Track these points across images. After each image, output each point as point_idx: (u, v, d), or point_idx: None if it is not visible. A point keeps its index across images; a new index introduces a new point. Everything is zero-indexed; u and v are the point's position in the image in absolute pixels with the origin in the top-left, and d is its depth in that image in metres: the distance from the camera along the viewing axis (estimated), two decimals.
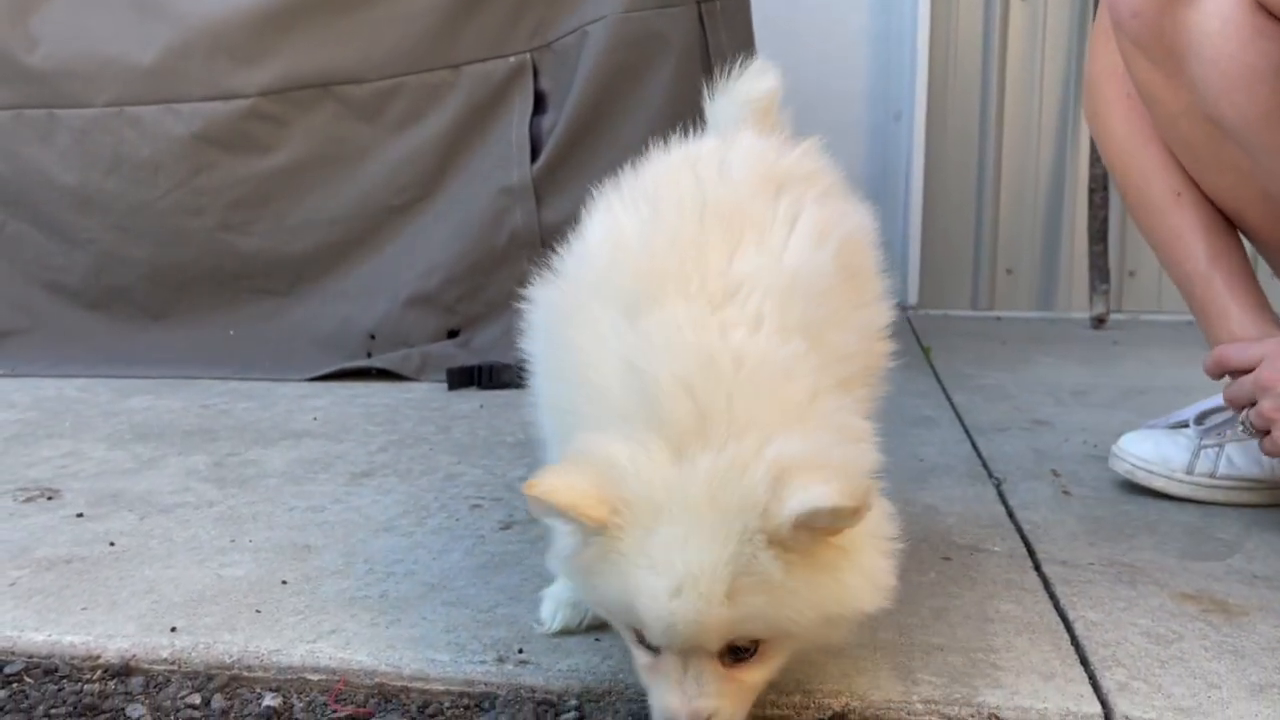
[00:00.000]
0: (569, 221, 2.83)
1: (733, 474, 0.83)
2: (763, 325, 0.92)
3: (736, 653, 0.87)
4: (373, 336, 2.58)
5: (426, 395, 2.31)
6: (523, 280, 2.80)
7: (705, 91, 1.28)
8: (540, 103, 2.54)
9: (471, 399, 2.26)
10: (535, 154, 2.51)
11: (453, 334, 2.57)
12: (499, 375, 2.37)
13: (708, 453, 0.84)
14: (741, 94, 1.22)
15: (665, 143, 1.13)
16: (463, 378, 2.38)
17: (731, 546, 0.82)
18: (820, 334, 0.94)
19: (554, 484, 0.84)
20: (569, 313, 1.01)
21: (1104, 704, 0.96)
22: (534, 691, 1.01)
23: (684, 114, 1.32)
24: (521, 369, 1.11)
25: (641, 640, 0.89)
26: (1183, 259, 1.51)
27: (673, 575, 0.82)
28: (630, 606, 0.85)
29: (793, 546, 0.82)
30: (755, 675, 0.89)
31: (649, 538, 0.83)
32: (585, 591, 0.92)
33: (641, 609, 0.84)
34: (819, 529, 0.82)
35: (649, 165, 1.11)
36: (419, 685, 1.03)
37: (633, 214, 1.05)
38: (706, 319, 0.92)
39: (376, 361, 2.50)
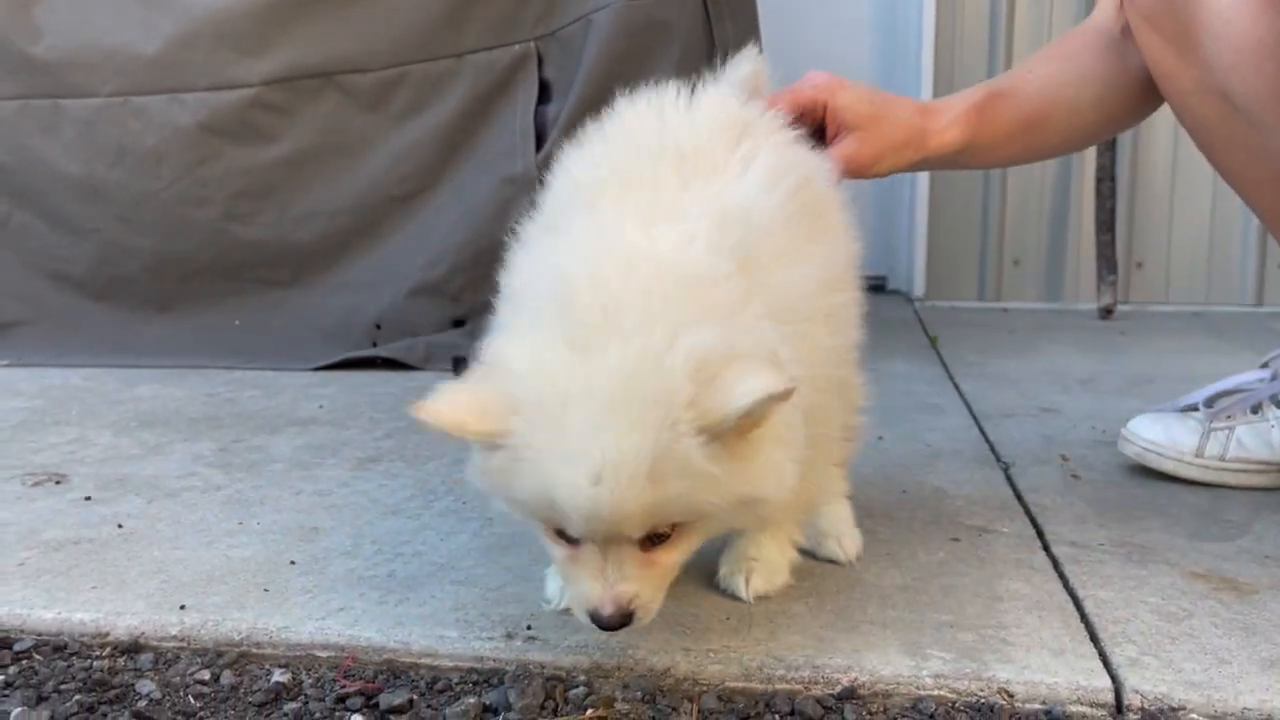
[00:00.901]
0: None
1: (646, 363, 0.84)
2: (695, 242, 0.93)
3: (654, 538, 0.89)
4: (378, 326, 2.58)
5: (432, 383, 2.28)
6: None
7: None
8: (545, 91, 2.54)
9: None
10: (540, 143, 2.51)
11: (458, 323, 2.57)
12: None
13: (615, 344, 0.85)
14: (728, 78, 1.24)
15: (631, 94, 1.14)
16: (468, 367, 2.37)
17: (651, 434, 0.83)
18: (759, 266, 0.95)
19: (440, 406, 0.86)
20: (519, 250, 1.04)
21: (1114, 678, 0.96)
22: (543, 667, 1.00)
23: None
24: None
25: (561, 535, 0.91)
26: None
27: (590, 464, 0.83)
28: (550, 502, 0.86)
29: (719, 436, 0.84)
30: (672, 557, 0.92)
31: (560, 431, 0.84)
32: (502, 498, 0.92)
33: (562, 502, 0.85)
34: (754, 419, 0.84)
35: (615, 113, 1.13)
36: (427, 661, 1.03)
37: (589, 150, 1.08)
38: (634, 228, 0.94)
39: (382, 351, 2.50)
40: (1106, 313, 3.30)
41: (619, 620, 0.90)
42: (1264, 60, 1.28)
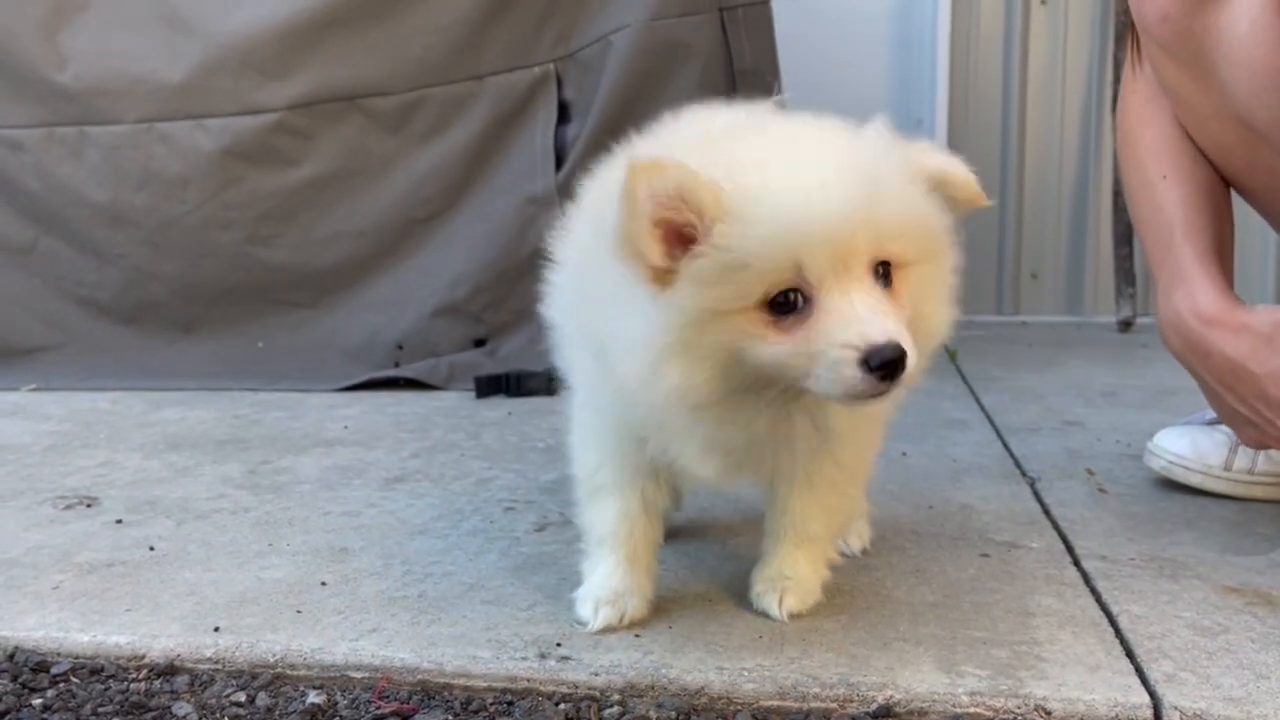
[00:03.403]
0: None
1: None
2: None
3: (884, 275, 0.87)
4: (400, 347, 2.60)
5: (455, 404, 2.32)
6: None
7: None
8: (564, 112, 2.56)
9: (500, 406, 2.27)
10: (560, 163, 2.53)
11: (480, 343, 2.59)
12: (526, 383, 2.38)
13: None
14: None
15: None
16: (491, 386, 2.39)
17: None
18: None
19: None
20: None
21: (1152, 695, 0.95)
22: (576, 687, 1.01)
23: None
24: (550, 376, 1.15)
25: (779, 305, 0.85)
26: (1159, 229, 1.44)
27: (808, 175, 0.84)
28: (787, 234, 0.83)
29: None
30: (901, 308, 0.88)
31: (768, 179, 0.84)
32: (723, 281, 0.85)
33: (796, 222, 0.82)
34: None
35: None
36: (461, 682, 1.03)
37: None
38: None
39: (405, 371, 2.51)
40: (1126, 325, 3.29)
41: (896, 348, 0.83)
42: None
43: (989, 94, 3.63)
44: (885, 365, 0.83)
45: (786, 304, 0.85)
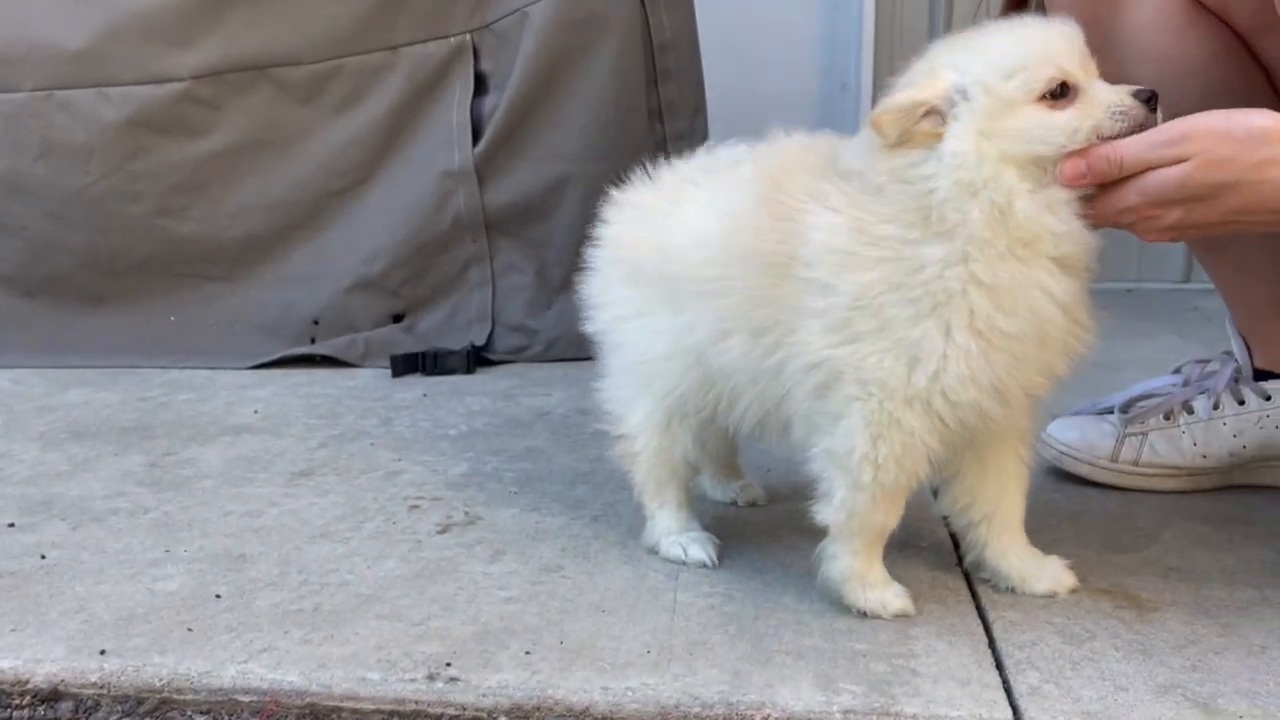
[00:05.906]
0: (512, 203, 2.78)
1: None
2: None
3: None
4: (316, 322, 2.56)
5: (370, 383, 2.30)
6: (467, 263, 2.76)
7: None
8: (481, 84, 2.51)
9: (415, 387, 2.26)
10: (477, 136, 2.49)
11: (397, 318, 2.56)
12: (444, 362, 2.37)
13: None
14: None
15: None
16: (407, 365, 2.37)
17: None
18: None
19: None
20: None
21: (1015, 709, 0.99)
22: (464, 709, 1.02)
23: (626, 95, 1.34)
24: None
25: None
26: None
27: None
28: None
29: None
30: None
31: None
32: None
33: None
34: None
35: None
36: (350, 705, 1.04)
37: None
38: None
39: (320, 348, 2.48)
40: None
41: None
42: (1184, 77, 1.31)
43: (918, 35, 3.63)
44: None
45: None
